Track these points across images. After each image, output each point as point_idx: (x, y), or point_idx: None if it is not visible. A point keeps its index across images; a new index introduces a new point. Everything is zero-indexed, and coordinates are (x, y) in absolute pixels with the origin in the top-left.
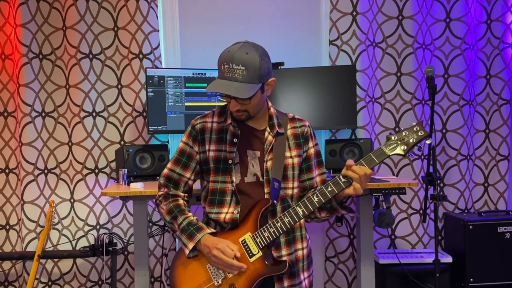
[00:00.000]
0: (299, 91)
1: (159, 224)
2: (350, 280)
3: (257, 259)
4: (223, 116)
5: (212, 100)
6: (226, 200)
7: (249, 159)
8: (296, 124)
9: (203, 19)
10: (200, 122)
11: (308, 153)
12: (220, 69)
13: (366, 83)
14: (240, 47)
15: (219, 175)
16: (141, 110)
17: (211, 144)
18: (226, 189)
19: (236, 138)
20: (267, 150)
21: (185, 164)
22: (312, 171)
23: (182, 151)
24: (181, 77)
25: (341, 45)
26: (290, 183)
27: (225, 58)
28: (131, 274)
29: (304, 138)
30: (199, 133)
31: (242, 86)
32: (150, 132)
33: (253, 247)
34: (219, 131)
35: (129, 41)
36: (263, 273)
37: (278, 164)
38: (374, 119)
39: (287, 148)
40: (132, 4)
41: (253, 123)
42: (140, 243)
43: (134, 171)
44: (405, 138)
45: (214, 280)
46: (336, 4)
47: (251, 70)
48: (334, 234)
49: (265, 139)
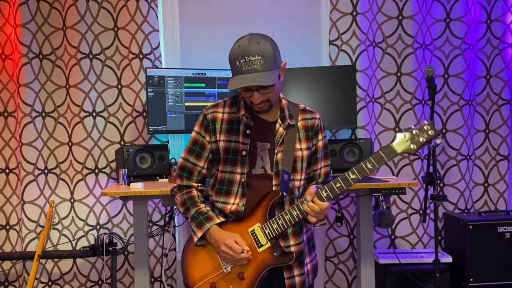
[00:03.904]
0: (299, 91)
1: (159, 224)
2: (350, 280)
3: (265, 250)
4: (235, 107)
5: (210, 100)
6: (233, 190)
7: (259, 151)
8: (307, 116)
9: (203, 19)
10: (211, 112)
11: (317, 145)
12: (234, 66)
13: (366, 83)
14: (249, 39)
15: (227, 165)
16: (141, 110)
17: (221, 134)
18: (234, 179)
19: (249, 129)
20: (277, 143)
21: (198, 153)
22: (318, 163)
23: (195, 141)
24: (181, 77)
25: (341, 45)
26: (298, 175)
27: (238, 53)
28: (131, 274)
29: (314, 131)
30: (210, 122)
31: (264, 74)
32: (150, 132)
33: (262, 238)
34: (229, 121)
35: (129, 41)
36: (270, 263)
37: (288, 156)
38: (374, 119)
39: (297, 140)
40: (132, 4)
41: (265, 115)
42: (140, 243)
43: (134, 171)
44: (415, 137)
45: (223, 267)
46: (336, 4)
47: (267, 58)
48: (334, 234)
49: (276, 131)
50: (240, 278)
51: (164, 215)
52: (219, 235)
